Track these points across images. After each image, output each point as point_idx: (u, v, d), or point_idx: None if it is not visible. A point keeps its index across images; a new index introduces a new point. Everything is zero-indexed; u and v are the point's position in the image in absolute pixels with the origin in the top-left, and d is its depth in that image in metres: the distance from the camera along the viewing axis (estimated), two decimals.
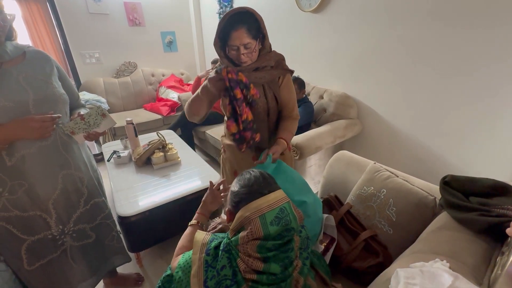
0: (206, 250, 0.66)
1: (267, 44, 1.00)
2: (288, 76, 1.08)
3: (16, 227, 0.88)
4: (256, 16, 0.93)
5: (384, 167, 1.06)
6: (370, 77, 1.86)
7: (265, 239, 0.61)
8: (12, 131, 0.81)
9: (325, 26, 2.04)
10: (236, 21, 0.91)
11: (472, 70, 1.37)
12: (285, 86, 1.07)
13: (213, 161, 2.73)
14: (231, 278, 0.60)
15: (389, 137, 1.86)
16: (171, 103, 3.15)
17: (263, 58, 1.01)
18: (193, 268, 0.64)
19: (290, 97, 1.09)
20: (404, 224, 0.91)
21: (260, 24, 0.94)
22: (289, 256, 0.62)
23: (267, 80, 1.02)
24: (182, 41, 3.74)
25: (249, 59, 0.97)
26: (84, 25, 2.99)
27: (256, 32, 0.94)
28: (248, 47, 0.93)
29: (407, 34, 1.58)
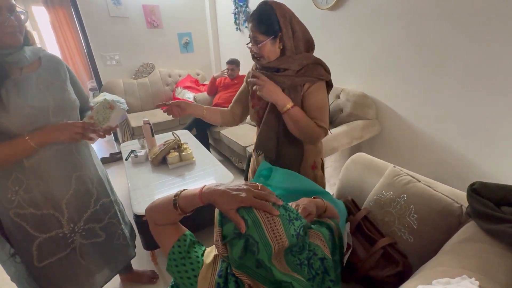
0: (218, 272, 0.58)
1: (288, 44, 0.90)
2: (318, 84, 0.94)
3: (30, 224, 0.91)
4: (275, 9, 0.87)
5: (405, 171, 1.00)
6: (390, 76, 1.78)
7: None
8: (52, 135, 0.84)
9: (342, 23, 1.98)
10: (254, 13, 0.90)
11: (502, 66, 1.27)
12: (311, 94, 0.94)
13: (227, 161, 2.74)
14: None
15: (410, 139, 1.77)
16: None
17: (285, 59, 0.92)
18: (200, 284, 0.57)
19: (315, 106, 0.95)
20: (426, 233, 0.85)
21: (279, 20, 0.86)
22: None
23: (287, 86, 0.94)
24: (198, 42, 3.79)
25: (258, 54, 0.92)
26: (105, 28, 3.10)
27: (269, 28, 0.87)
28: (256, 41, 0.89)
29: (430, 31, 1.49)
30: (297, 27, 0.90)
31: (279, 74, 0.93)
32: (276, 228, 0.53)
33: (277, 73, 0.94)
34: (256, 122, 1.10)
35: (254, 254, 0.50)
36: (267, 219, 0.53)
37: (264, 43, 0.88)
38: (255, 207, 0.54)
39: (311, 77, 0.93)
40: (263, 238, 0.51)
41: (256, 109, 1.07)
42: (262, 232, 0.51)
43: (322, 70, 0.96)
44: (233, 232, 0.53)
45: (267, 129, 1.04)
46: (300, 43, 0.92)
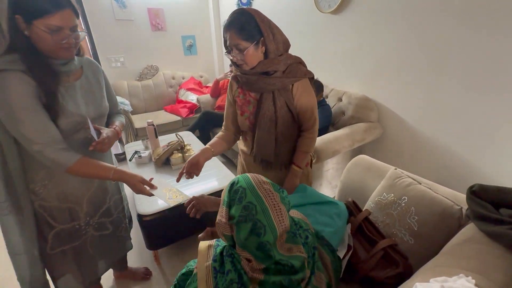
0: (213, 257, 0.66)
1: (270, 47, 0.92)
2: (303, 82, 0.99)
3: (50, 215, 0.97)
4: (255, 16, 0.89)
5: (406, 173, 1.01)
6: (392, 79, 1.80)
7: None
8: (127, 181, 0.93)
9: (344, 27, 2.00)
10: (230, 22, 0.90)
11: (504, 71, 1.28)
12: (301, 94, 0.99)
13: (230, 162, 2.75)
14: (237, 281, 0.60)
15: (411, 142, 1.78)
16: (190, 105, 3.22)
17: (270, 62, 0.93)
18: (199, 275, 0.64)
19: (307, 105, 1.01)
20: (426, 234, 0.86)
21: (259, 26, 0.89)
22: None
23: (278, 87, 0.97)
24: (202, 45, 3.83)
25: (243, 62, 0.93)
26: (111, 31, 3.15)
27: (250, 34, 0.88)
28: (239, 48, 0.90)
29: (432, 35, 1.51)
30: (276, 30, 0.93)
31: (269, 76, 0.95)
32: (281, 214, 0.60)
33: (266, 76, 0.96)
34: (248, 128, 1.10)
35: (259, 236, 0.57)
36: (274, 206, 0.60)
37: (248, 49, 0.90)
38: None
39: (298, 76, 0.97)
40: (270, 223, 0.58)
41: (246, 116, 1.07)
42: (269, 217, 0.59)
43: (303, 68, 1.00)
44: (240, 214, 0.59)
45: (263, 134, 1.04)
46: (280, 44, 0.94)
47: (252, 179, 0.64)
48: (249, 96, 1.05)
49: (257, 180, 0.64)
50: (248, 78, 0.98)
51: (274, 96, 0.98)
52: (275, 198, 0.62)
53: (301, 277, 0.61)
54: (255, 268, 0.60)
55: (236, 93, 1.08)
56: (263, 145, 1.07)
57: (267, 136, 1.04)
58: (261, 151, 1.09)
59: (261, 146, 1.07)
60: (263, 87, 0.97)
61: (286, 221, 0.61)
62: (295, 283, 0.60)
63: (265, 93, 0.98)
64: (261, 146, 1.08)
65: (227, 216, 0.62)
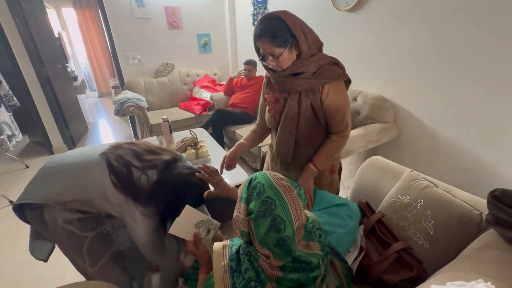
0: (229, 256, 0.66)
1: (303, 49, 0.91)
2: (336, 84, 0.95)
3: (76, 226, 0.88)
4: (285, 20, 0.87)
5: (422, 176, 0.99)
6: (410, 79, 1.75)
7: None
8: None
9: (362, 25, 1.96)
10: (262, 30, 0.89)
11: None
12: (331, 96, 0.94)
13: (241, 160, 2.77)
14: (255, 279, 0.60)
15: (429, 144, 1.73)
16: (204, 102, 3.26)
17: (300, 63, 0.92)
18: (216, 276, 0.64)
19: (338, 108, 0.96)
20: (443, 239, 0.84)
21: (291, 28, 0.87)
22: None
23: (306, 88, 0.95)
24: (216, 43, 3.86)
25: (278, 67, 0.93)
26: (129, 29, 3.24)
27: (283, 39, 0.88)
28: (274, 55, 0.90)
29: (454, 36, 1.45)
30: (307, 30, 0.91)
31: (296, 77, 0.94)
32: (300, 209, 0.61)
33: (294, 77, 0.94)
34: (273, 126, 1.11)
35: (279, 232, 0.57)
36: (293, 201, 0.60)
37: (283, 55, 0.89)
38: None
39: (329, 78, 0.93)
40: (289, 217, 0.58)
41: (272, 113, 1.08)
42: (288, 212, 0.59)
43: (338, 69, 0.95)
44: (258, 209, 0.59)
45: (284, 133, 1.04)
46: (312, 45, 0.93)
47: (270, 175, 0.64)
48: (278, 94, 1.05)
49: (275, 176, 0.64)
50: (277, 79, 0.99)
51: (300, 97, 0.96)
52: (293, 193, 0.62)
53: (317, 274, 0.62)
54: (273, 265, 0.60)
55: (267, 90, 1.10)
56: (282, 145, 1.07)
57: (288, 136, 1.04)
58: (280, 150, 1.09)
59: (281, 145, 1.07)
60: (290, 88, 0.96)
61: (303, 216, 0.61)
62: (311, 280, 0.61)
63: (292, 93, 0.98)
64: (280, 145, 1.08)
65: (245, 211, 0.61)
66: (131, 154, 0.89)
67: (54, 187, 0.85)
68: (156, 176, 0.88)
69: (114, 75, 5.84)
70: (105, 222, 0.98)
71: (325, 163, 1.04)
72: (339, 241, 0.90)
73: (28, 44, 2.62)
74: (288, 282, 0.60)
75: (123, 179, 0.84)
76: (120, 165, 0.85)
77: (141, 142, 0.97)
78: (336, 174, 1.18)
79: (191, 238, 0.84)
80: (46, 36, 3.10)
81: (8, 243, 1.76)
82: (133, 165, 0.87)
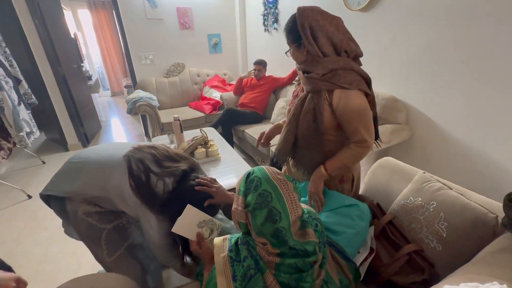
0: (228, 248, 0.69)
1: (310, 50, 0.90)
2: (348, 93, 0.89)
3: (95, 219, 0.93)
4: (297, 18, 0.90)
5: (435, 178, 0.97)
6: (423, 80, 1.71)
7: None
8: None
9: (374, 25, 1.93)
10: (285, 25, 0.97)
11: None
12: (344, 104, 0.89)
13: (250, 159, 2.78)
14: (254, 267, 0.63)
15: (443, 146, 1.69)
16: (214, 102, 3.29)
17: (310, 63, 0.93)
18: (217, 268, 0.67)
19: (350, 120, 0.91)
20: (456, 242, 0.82)
21: (298, 28, 0.89)
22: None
23: (311, 89, 0.94)
24: (227, 43, 3.89)
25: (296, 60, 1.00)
26: (142, 29, 3.30)
27: (294, 36, 0.93)
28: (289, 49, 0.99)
29: (472, 35, 1.41)
30: (320, 33, 0.89)
31: (307, 76, 0.95)
32: (295, 201, 0.64)
33: (306, 75, 0.96)
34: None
35: (275, 223, 0.60)
36: (288, 194, 0.63)
37: (291, 51, 0.98)
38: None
39: (336, 83, 0.89)
40: (285, 209, 0.61)
41: (290, 107, 1.09)
42: (284, 205, 0.62)
43: (353, 77, 0.90)
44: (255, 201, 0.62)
45: (286, 130, 1.05)
46: (326, 47, 0.90)
47: (267, 170, 0.68)
48: (299, 90, 1.07)
49: (272, 171, 0.67)
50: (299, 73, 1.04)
51: (306, 98, 0.96)
52: (289, 187, 0.65)
53: (314, 260, 0.64)
54: (271, 252, 0.63)
55: (296, 84, 1.15)
56: (282, 141, 1.07)
57: (289, 134, 1.03)
58: (279, 146, 1.09)
59: (281, 140, 1.08)
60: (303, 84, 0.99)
61: (299, 209, 0.64)
62: (309, 265, 0.63)
63: (304, 92, 0.99)
64: (281, 140, 1.08)
65: (243, 204, 0.65)
66: (151, 159, 0.92)
67: (77, 183, 0.89)
68: (172, 185, 0.91)
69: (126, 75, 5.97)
70: (122, 216, 1.01)
71: (337, 169, 0.99)
72: (349, 241, 0.90)
73: (46, 44, 2.71)
74: (287, 268, 0.62)
75: (141, 185, 0.87)
76: (139, 171, 0.88)
77: (161, 147, 0.99)
78: (348, 184, 1.11)
79: (194, 238, 0.86)
80: (63, 37, 3.21)
81: (26, 236, 1.83)
82: (152, 171, 0.90)
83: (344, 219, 0.96)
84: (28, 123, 2.45)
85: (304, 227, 0.66)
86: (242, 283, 0.62)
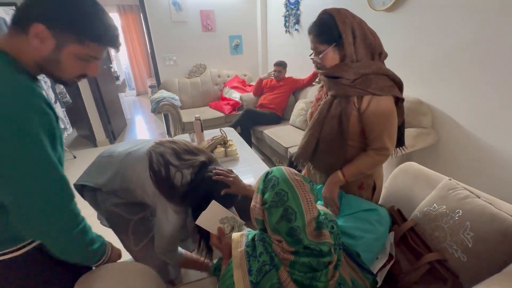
0: (246, 243, 0.72)
1: (348, 51, 0.86)
2: (380, 99, 0.86)
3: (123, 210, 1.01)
4: (336, 17, 0.85)
5: (462, 185, 0.93)
6: (452, 82, 1.63)
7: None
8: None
9: (399, 25, 1.87)
10: (312, 24, 0.90)
11: None
12: (371, 110, 0.87)
13: (268, 160, 2.80)
14: (269, 263, 0.65)
15: (471, 152, 1.60)
16: (233, 102, 3.35)
17: (340, 67, 0.88)
18: (234, 261, 0.70)
19: (374, 127, 0.89)
20: (483, 253, 0.78)
21: (339, 27, 0.84)
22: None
23: (339, 94, 0.91)
24: (248, 44, 3.94)
25: (320, 64, 0.92)
26: (167, 32, 3.43)
27: (328, 36, 0.86)
28: (318, 51, 0.90)
29: (505, 33, 1.33)
30: (358, 32, 0.86)
31: (334, 81, 0.92)
32: (311, 202, 0.64)
33: (333, 80, 0.92)
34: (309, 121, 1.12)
35: (290, 221, 0.62)
36: (304, 195, 0.64)
37: (325, 53, 0.88)
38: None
39: (367, 89, 0.86)
40: (300, 209, 0.63)
41: (312, 110, 1.09)
42: (299, 205, 0.63)
43: (385, 82, 0.88)
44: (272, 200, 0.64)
45: (309, 132, 1.04)
46: (361, 49, 0.87)
47: (285, 170, 0.69)
48: (323, 93, 1.05)
49: (289, 171, 0.69)
50: (321, 77, 1.00)
51: (333, 102, 0.94)
52: (306, 188, 0.66)
53: (328, 260, 0.65)
54: (286, 250, 0.64)
55: (319, 88, 1.12)
56: (304, 144, 1.06)
57: (310, 137, 1.03)
58: (301, 148, 1.09)
59: (302, 143, 1.08)
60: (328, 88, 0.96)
61: (314, 210, 0.65)
62: (323, 265, 0.64)
63: (329, 96, 0.96)
64: (302, 143, 1.08)
65: (260, 201, 0.67)
66: (171, 152, 0.96)
67: (106, 176, 0.96)
68: (190, 176, 0.94)
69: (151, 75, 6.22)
70: (147, 209, 1.08)
71: (355, 175, 0.98)
72: (367, 246, 0.89)
73: None
74: (301, 266, 0.63)
75: (160, 176, 0.92)
76: (159, 164, 0.93)
77: (181, 141, 1.04)
78: (367, 192, 1.08)
79: (216, 232, 0.89)
80: None
81: None
82: (172, 163, 0.94)
83: (362, 223, 0.94)
84: (63, 120, 2.64)
85: (319, 228, 0.67)
86: (257, 277, 0.64)
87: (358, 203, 1.01)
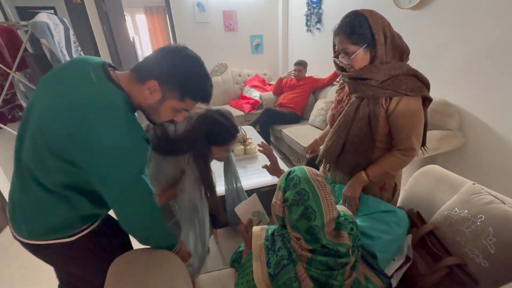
0: (265, 237, 0.76)
1: (379, 52, 0.85)
2: (409, 100, 0.87)
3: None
4: (368, 18, 0.84)
5: (486, 190, 0.90)
6: (482, 83, 1.56)
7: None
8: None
9: (426, 23, 1.81)
10: (341, 25, 0.88)
11: None
12: (400, 111, 0.88)
13: (287, 159, 2.82)
14: (287, 258, 0.68)
15: (501, 157, 1.52)
16: (253, 101, 3.39)
17: (369, 69, 0.87)
18: (254, 253, 0.74)
19: (402, 128, 0.90)
20: (506, 260, 0.77)
21: (372, 27, 0.84)
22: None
23: (367, 96, 0.90)
24: (268, 44, 3.96)
25: (349, 65, 0.91)
26: (191, 32, 3.55)
27: (360, 37, 0.84)
28: (347, 52, 0.88)
29: None
30: (390, 33, 0.86)
31: (361, 82, 0.91)
32: (331, 203, 0.66)
33: (360, 81, 0.92)
34: (330, 124, 1.13)
35: (310, 220, 0.64)
36: (325, 195, 0.66)
37: (356, 54, 0.86)
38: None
39: (398, 91, 0.86)
40: (320, 209, 0.65)
41: (333, 112, 1.09)
42: (319, 205, 0.65)
43: (415, 83, 0.87)
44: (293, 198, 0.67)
45: (334, 135, 1.03)
46: (391, 51, 0.88)
47: (307, 170, 0.72)
48: (344, 95, 1.05)
49: (311, 171, 0.71)
50: (344, 80, 0.99)
51: (360, 104, 0.93)
52: (327, 189, 0.68)
53: (346, 261, 0.67)
54: (304, 247, 0.67)
55: (339, 90, 1.11)
56: (330, 146, 1.06)
57: (337, 139, 1.02)
58: (326, 151, 1.09)
59: (328, 147, 1.07)
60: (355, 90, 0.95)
61: (334, 211, 0.67)
62: (340, 265, 0.66)
63: (355, 98, 0.95)
64: (328, 146, 1.08)
65: (281, 199, 0.70)
66: None
67: None
68: (186, 126, 0.99)
69: None
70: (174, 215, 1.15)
71: (379, 176, 0.98)
72: (384, 247, 0.89)
73: (111, 48, 3.10)
74: (318, 264, 0.66)
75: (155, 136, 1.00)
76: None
77: None
78: (388, 193, 1.08)
79: (245, 222, 0.96)
80: (124, 41, 3.61)
81: None
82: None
83: (380, 224, 0.95)
84: None
85: (338, 229, 0.69)
86: (275, 270, 0.68)
87: (377, 204, 1.01)
